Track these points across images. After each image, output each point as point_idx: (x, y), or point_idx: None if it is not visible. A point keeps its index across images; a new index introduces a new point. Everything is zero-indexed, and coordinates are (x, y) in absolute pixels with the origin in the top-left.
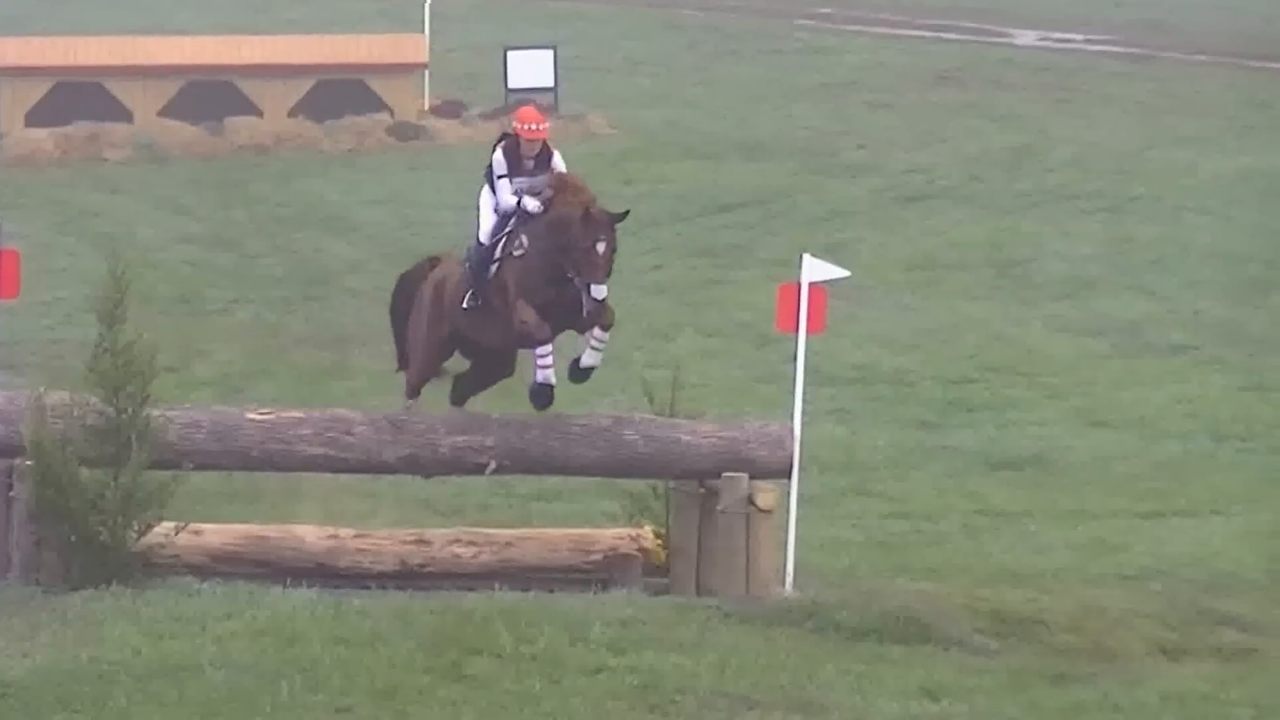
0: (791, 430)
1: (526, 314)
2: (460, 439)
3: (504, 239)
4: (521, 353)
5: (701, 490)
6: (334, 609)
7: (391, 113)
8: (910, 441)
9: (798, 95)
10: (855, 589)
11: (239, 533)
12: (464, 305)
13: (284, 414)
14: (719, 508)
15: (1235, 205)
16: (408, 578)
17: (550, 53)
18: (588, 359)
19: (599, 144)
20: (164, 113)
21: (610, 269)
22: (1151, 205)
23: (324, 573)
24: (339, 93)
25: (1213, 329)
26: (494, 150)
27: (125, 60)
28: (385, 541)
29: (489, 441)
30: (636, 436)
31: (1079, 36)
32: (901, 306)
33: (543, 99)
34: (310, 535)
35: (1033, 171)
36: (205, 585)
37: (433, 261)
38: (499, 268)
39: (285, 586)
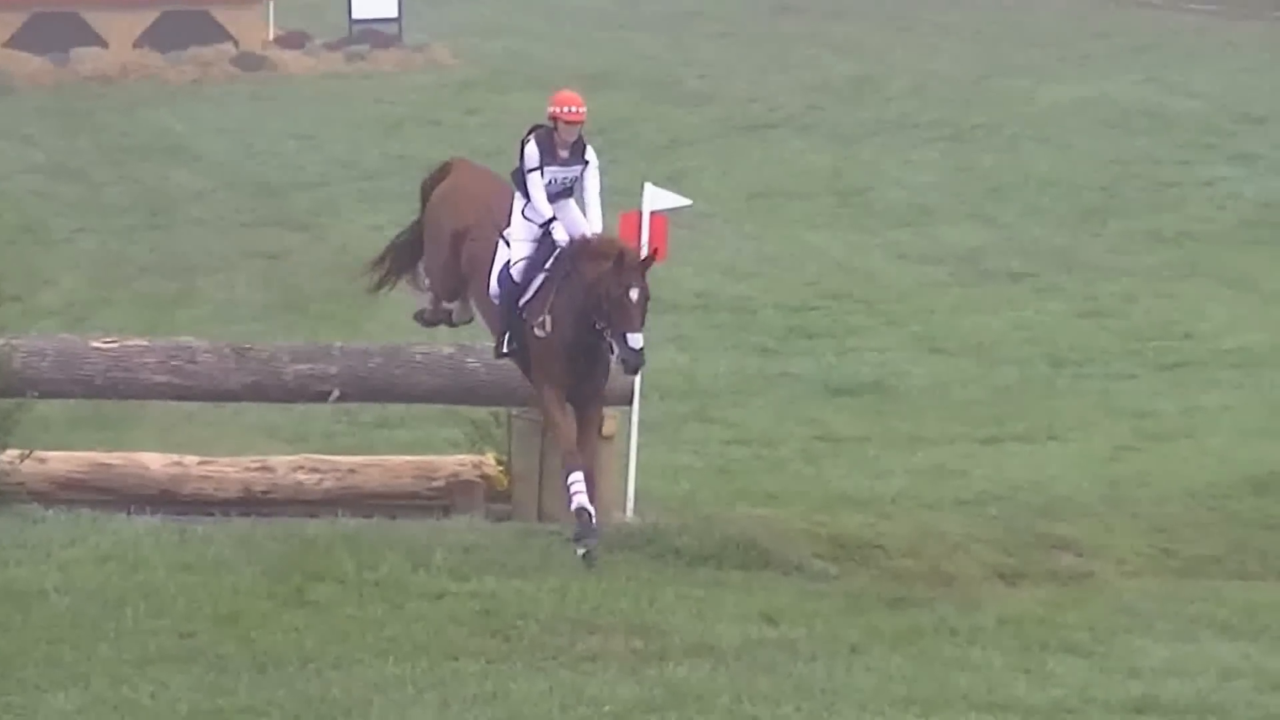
0: None
1: (558, 425)
2: (304, 367)
3: (532, 298)
4: None
5: (543, 417)
6: (178, 536)
7: (236, 43)
8: (751, 368)
9: (639, 25)
10: (695, 515)
11: (83, 460)
12: (498, 347)
13: (128, 342)
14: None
15: (1073, 134)
16: (251, 504)
17: None
18: (574, 503)
19: (442, 74)
20: (10, 44)
21: (645, 318)
22: (990, 134)
23: (168, 500)
24: (184, 24)
25: (1050, 256)
26: (524, 143)
27: None
28: (229, 469)
29: (332, 369)
30: (479, 364)
31: None
32: (742, 235)
33: (386, 30)
34: (154, 463)
35: (873, 101)
36: (50, 512)
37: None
38: (524, 336)
39: (129, 513)
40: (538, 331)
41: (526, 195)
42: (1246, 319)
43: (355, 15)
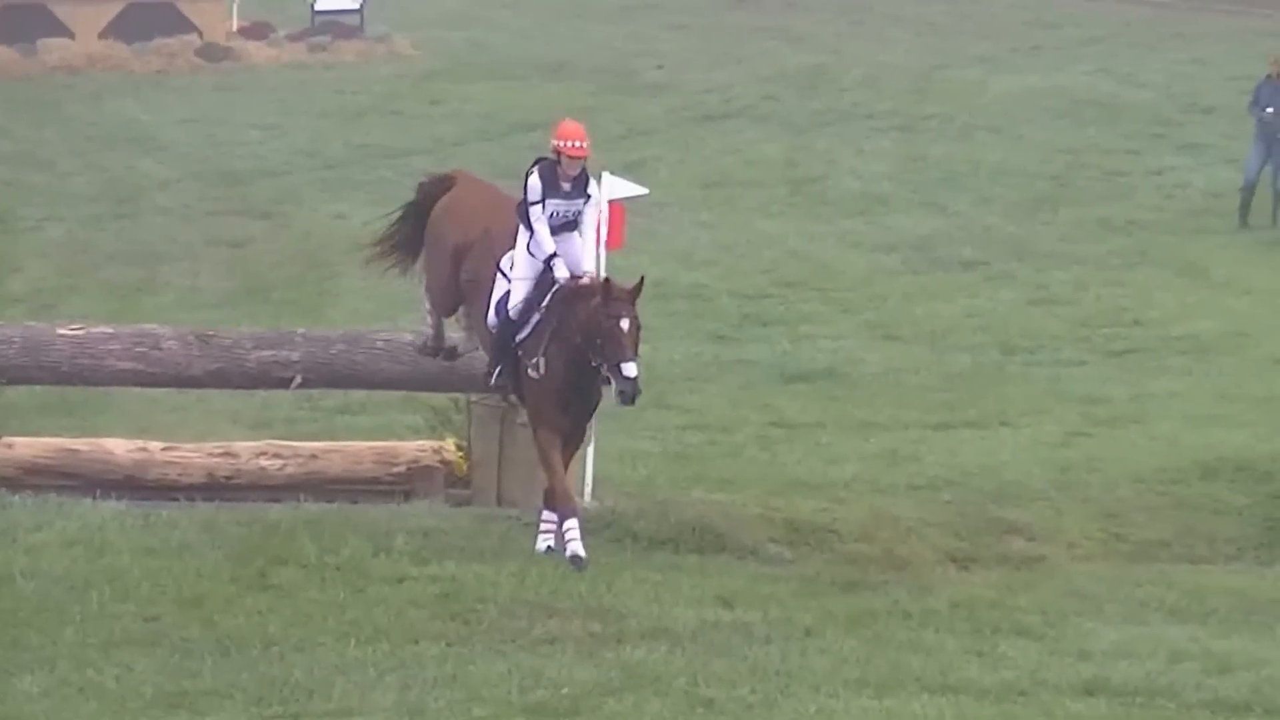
0: None
1: (552, 469)
2: (267, 353)
3: (527, 337)
4: None
5: (502, 404)
6: (142, 520)
7: (200, 34)
8: (707, 355)
9: (598, 16)
10: (652, 499)
11: (49, 446)
12: (488, 374)
13: (94, 329)
14: (519, 420)
15: (1024, 123)
16: (215, 489)
17: None
18: (570, 550)
19: (404, 65)
20: None
21: (638, 346)
22: (942, 124)
23: (133, 485)
24: (149, 15)
25: (1001, 244)
26: (528, 175)
27: None
28: (193, 454)
29: (295, 356)
30: None
31: None
32: (699, 223)
33: (348, 21)
34: (119, 448)
35: (827, 91)
36: (16, 498)
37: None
38: (518, 374)
39: (95, 498)
40: (531, 373)
41: (530, 228)
42: (1195, 306)
43: (317, 7)
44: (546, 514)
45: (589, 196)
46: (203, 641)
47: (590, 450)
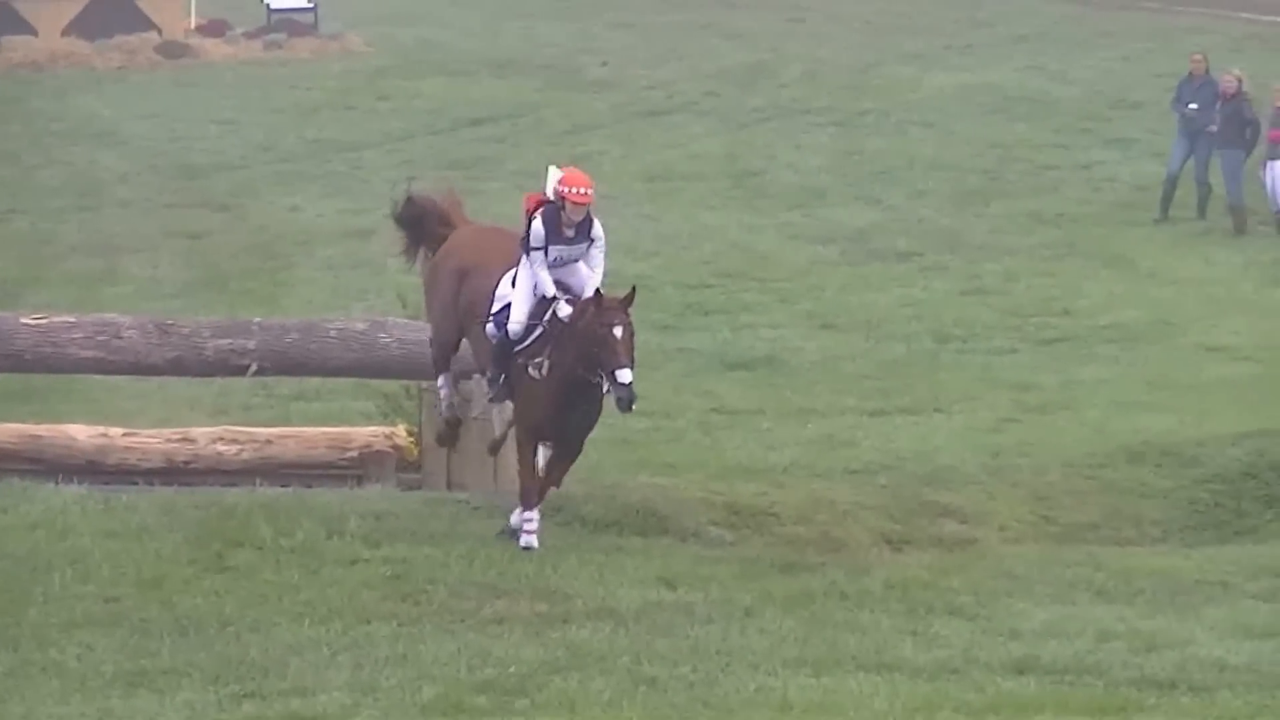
0: None
1: (526, 476)
2: (224, 342)
3: (529, 344)
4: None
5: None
6: (103, 504)
7: (159, 32)
8: (650, 343)
9: (544, 14)
10: (598, 484)
11: (13, 431)
12: (487, 379)
13: (56, 319)
14: (472, 415)
15: (956, 119)
16: (174, 474)
17: None
18: (523, 541)
19: (356, 62)
20: None
21: (633, 353)
22: (878, 119)
23: (94, 469)
24: (110, 13)
25: (935, 236)
26: (530, 219)
27: None
28: (152, 440)
29: (251, 345)
30: (390, 340)
31: None
32: (642, 215)
33: (302, 19)
34: (81, 434)
35: (766, 87)
36: None
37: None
38: (516, 372)
39: (57, 483)
40: (533, 372)
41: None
42: (1122, 296)
43: (273, 5)
44: (527, 514)
45: (593, 240)
46: (161, 622)
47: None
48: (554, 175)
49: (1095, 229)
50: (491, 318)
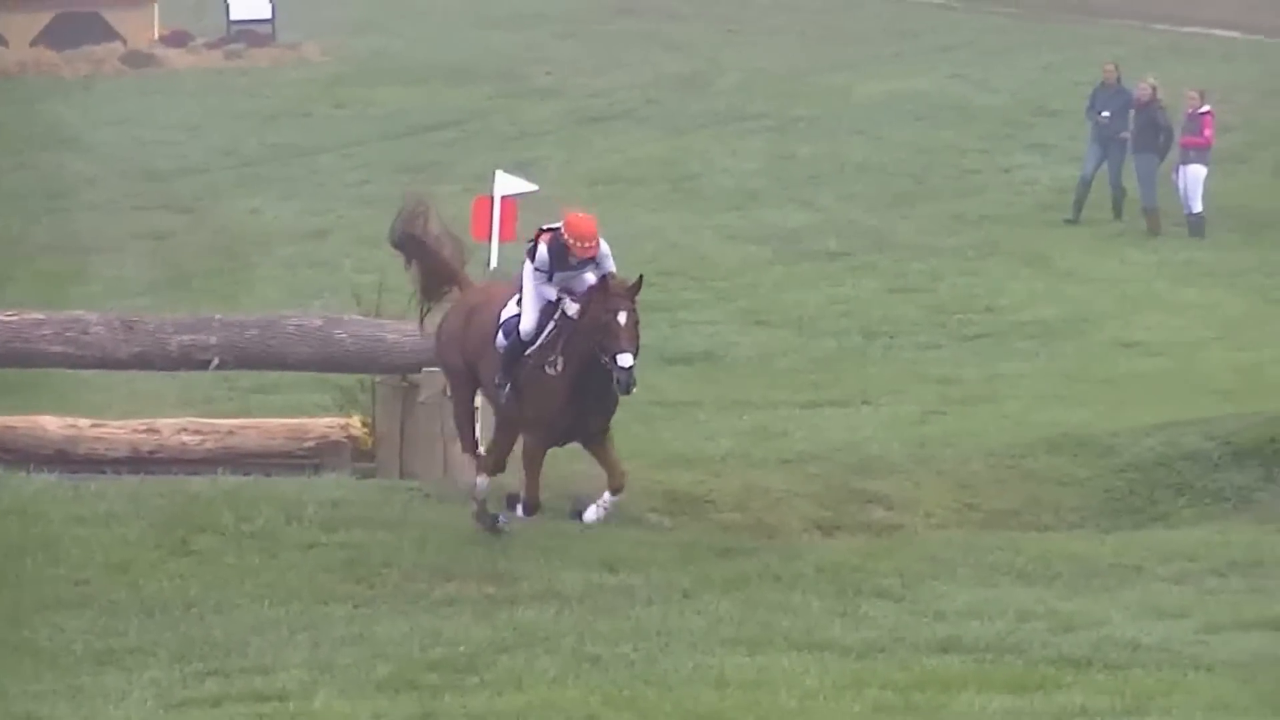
0: None
1: (531, 475)
2: (187, 338)
3: (541, 344)
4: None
5: (404, 383)
6: (73, 491)
7: (124, 42)
8: None
9: (492, 25)
10: (544, 472)
11: None
12: (496, 384)
13: (27, 315)
14: (420, 399)
15: (885, 125)
16: (140, 463)
17: None
18: (590, 514)
19: (312, 70)
20: None
21: (637, 340)
22: (811, 125)
23: (64, 459)
24: (77, 24)
25: (864, 237)
26: (538, 244)
27: None
28: (119, 431)
29: (212, 340)
30: (345, 335)
31: None
32: None
33: (261, 30)
34: (51, 425)
35: (704, 95)
36: None
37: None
38: (527, 373)
39: (29, 471)
40: (549, 370)
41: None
42: (1042, 294)
43: (233, 16)
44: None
45: (598, 263)
46: (129, 603)
47: (480, 429)
48: (513, 183)
49: (1016, 230)
50: (500, 326)
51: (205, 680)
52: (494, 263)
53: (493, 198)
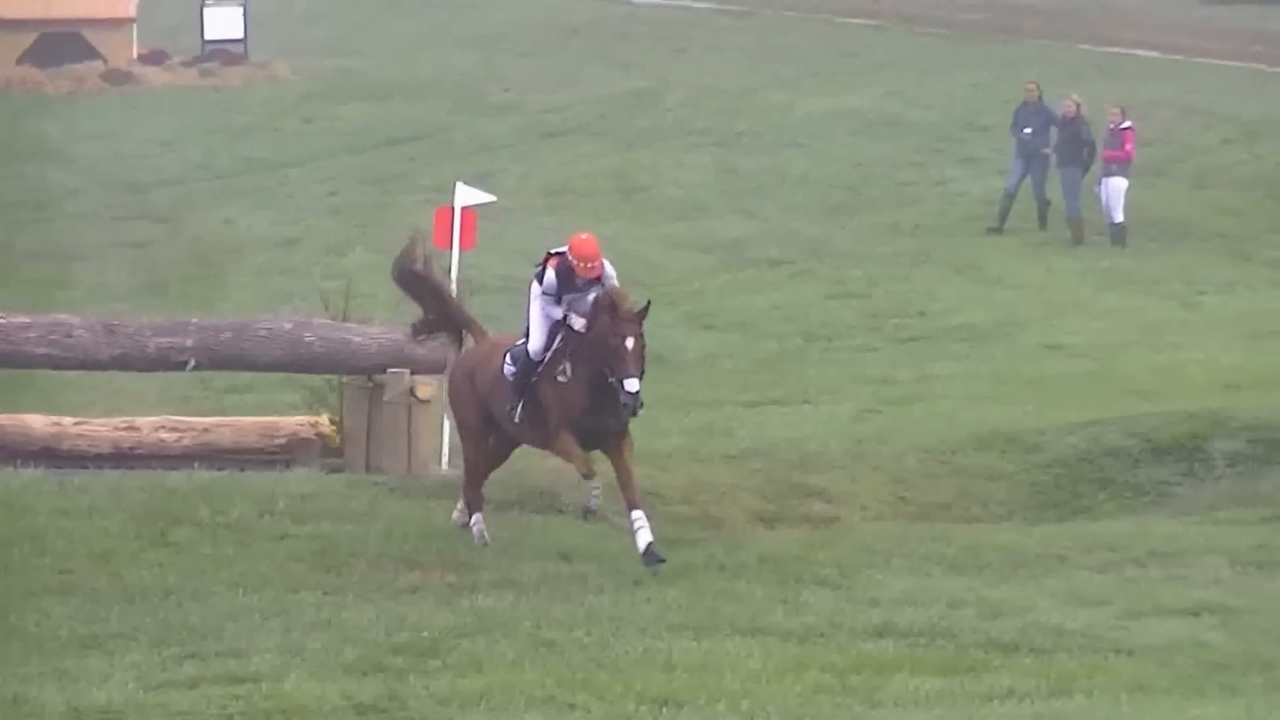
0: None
1: (575, 455)
2: (164, 340)
3: (550, 356)
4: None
5: (370, 384)
6: (58, 486)
7: (105, 61)
8: None
9: (453, 44)
10: (503, 469)
11: None
12: (511, 415)
13: (13, 319)
14: (385, 399)
15: (825, 140)
16: (120, 459)
17: (240, 8)
18: (593, 503)
19: (282, 88)
20: None
21: (643, 365)
22: (754, 140)
23: (49, 455)
24: (60, 43)
25: (804, 245)
26: (545, 268)
27: None
28: (101, 428)
29: (189, 343)
30: (314, 338)
31: None
32: (541, 227)
33: (234, 49)
34: (37, 423)
35: (653, 111)
36: None
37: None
38: (539, 384)
39: (15, 467)
40: (559, 377)
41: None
42: (972, 299)
43: (207, 36)
44: (594, 486)
45: (603, 284)
46: (110, 591)
47: (446, 425)
48: (473, 194)
49: (948, 239)
50: (508, 354)
51: (183, 663)
52: (454, 270)
53: (454, 208)
